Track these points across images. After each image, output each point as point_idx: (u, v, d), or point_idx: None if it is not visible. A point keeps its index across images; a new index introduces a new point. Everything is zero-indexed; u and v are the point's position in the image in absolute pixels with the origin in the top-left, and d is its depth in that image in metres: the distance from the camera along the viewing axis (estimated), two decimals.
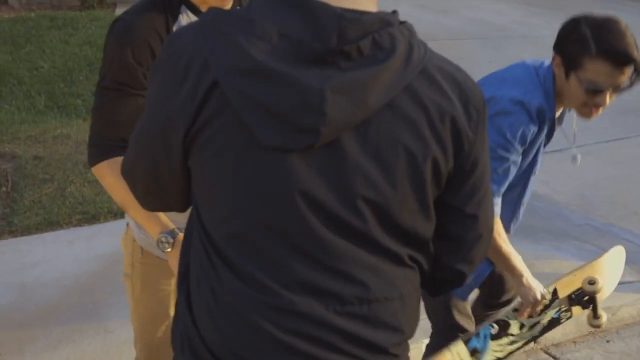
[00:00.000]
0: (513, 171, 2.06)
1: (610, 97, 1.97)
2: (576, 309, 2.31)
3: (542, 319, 2.27)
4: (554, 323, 2.32)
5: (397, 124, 1.06)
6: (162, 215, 1.74)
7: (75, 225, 4.07)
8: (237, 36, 1.03)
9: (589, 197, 2.46)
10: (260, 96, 1.02)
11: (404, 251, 1.15)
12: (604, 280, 2.26)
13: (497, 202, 2.07)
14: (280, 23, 1.02)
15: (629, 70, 1.90)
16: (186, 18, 1.75)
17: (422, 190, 1.11)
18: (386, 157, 1.07)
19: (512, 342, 2.26)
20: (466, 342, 2.16)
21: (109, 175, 1.74)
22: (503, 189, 2.07)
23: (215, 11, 1.10)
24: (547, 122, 2.06)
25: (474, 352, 2.16)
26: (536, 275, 2.58)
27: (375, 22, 1.04)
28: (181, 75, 1.07)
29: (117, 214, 4.19)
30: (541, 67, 2.11)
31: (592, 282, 2.21)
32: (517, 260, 2.14)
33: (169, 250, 1.71)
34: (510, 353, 2.29)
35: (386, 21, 1.06)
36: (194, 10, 1.77)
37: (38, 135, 5.16)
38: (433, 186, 1.12)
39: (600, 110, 2.01)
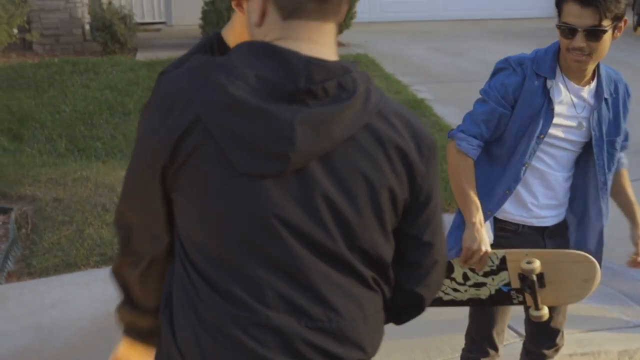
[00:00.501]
0: (498, 120, 2.33)
1: (587, 41, 2.16)
2: (528, 298, 2.33)
3: (487, 282, 2.35)
4: (504, 297, 2.37)
5: (358, 156, 1.23)
6: None
7: (92, 267, 4.13)
8: (219, 77, 1.19)
9: (605, 238, 2.46)
10: (238, 128, 1.17)
11: (368, 273, 1.29)
12: (554, 275, 2.28)
13: (471, 142, 2.36)
14: (257, 68, 1.19)
15: (595, 12, 2.11)
16: None
17: (382, 216, 1.27)
18: (349, 184, 1.23)
19: (455, 290, 2.37)
20: None
21: None
22: (476, 129, 2.35)
23: (200, 58, 1.26)
24: (534, 76, 2.29)
25: None
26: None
27: (338, 68, 1.22)
28: (165, 113, 1.22)
29: None
30: None
31: (529, 262, 2.26)
32: (474, 206, 2.32)
33: None
34: (454, 302, 2.41)
35: (347, 68, 1.23)
36: None
37: (58, 178, 5.26)
38: (391, 214, 1.29)
39: (584, 59, 2.21)
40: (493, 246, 2.36)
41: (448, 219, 2.56)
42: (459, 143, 2.37)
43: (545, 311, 2.32)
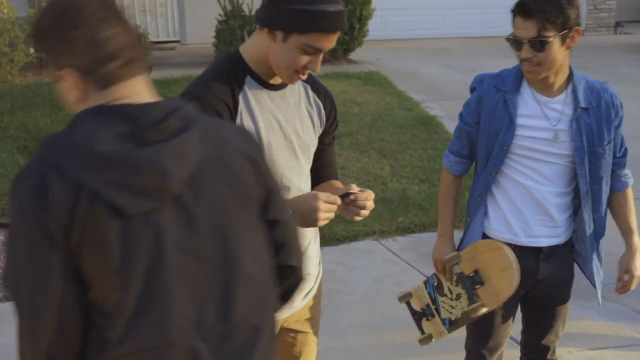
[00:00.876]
0: (467, 136, 2.46)
1: (533, 52, 2.19)
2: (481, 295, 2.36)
3: (460, 292, 2.42)
4: (476, 308, 2.39)
5: (216, 170, 1.40)
6: None
7: None
8: (82, 144, 1.28)
9: (617, 254, 2.45)
10: (117, 178, 1.28)
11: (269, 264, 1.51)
12: (484, 271, 2.33)
13: (450, 158, 2.52)
14: (111, 127, 1.30)
15: (536, 23, 2.16)
16: (250, 87, 1.88)
17: (252, 210, 1.46)
18: (216, 195, 1.39)
19: (451, 307, 2.47)
20: (425, 283, 2.61)
21: None
22: (455, 146, 2.51)
23: (44, 145, 1.32)
24: (493, 91, 2.37)
25: (433, 300, 2.54)
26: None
27: (172, 103, 1.38)
28: (41, 195, 1.26)
29: None
30: None
31: (457, 262, 2.41)
32: (443, 219, 2.55)
33: None
34: (457, 321, 2.47)
35: (180, 102, 1.40)
36: (259, 80, 1.89)
37: None
38: (257, 206, 1.48)
39: (534, 69, 2.23)
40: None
41: (457, 235, 2.59)
42: (443, 160, 2.57)
43: (479, 304, 2.35)
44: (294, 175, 1.99)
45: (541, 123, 2.33)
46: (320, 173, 2.14)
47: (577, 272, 2.57)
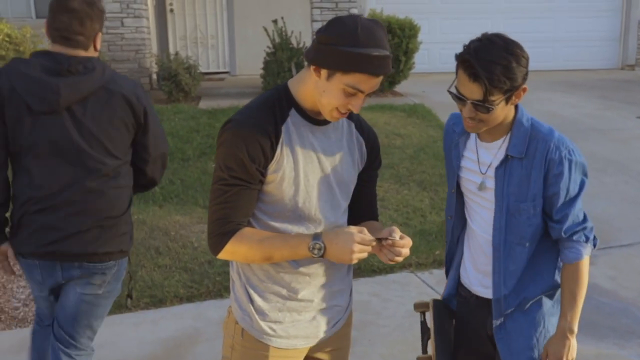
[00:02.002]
0: (449, 172, 2.38)
1: (475, 112, 2.07)
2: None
3: None
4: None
5: (99, 101, 2.55)
6: (292, 235, 1.94)
7: (142, 309, 4.26)
8: (19, 67, 2.53)
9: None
10: (33, 88, 2.49)
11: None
12: None
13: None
14: (41, 61, 2.53)
15: (481, 87, 2.01)
16: (294, 120, 1.94)
17: (123, 133, 2.61)
18: (98, 115, 2.55)
19: None
20: None
21: (240, 246, 1.92)
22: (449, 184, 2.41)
23: (8, 64, 2.56)
24: (452, 132, 2.35)
25: None
26: None
27: (82, 58, 2.56)
28: None
29: (183, 298, 4.36)
30: None
31: None
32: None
33: (322, 253, 1.88)
34: None
35: (89, 58, 2.57)
36: (303, 114, 1.96)
37: None
38: (126, 132, 2.62)
39: (476, 125, 2.11)
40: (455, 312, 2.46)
41: None
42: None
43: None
44: (328, 210, 2.02)
45: (475, 167, 2.24)
46: (358, 210, 2.16)
47: (618, 311, 2.46)
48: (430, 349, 2.50)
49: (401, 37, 9.85)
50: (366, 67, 1.79)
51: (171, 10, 12.45)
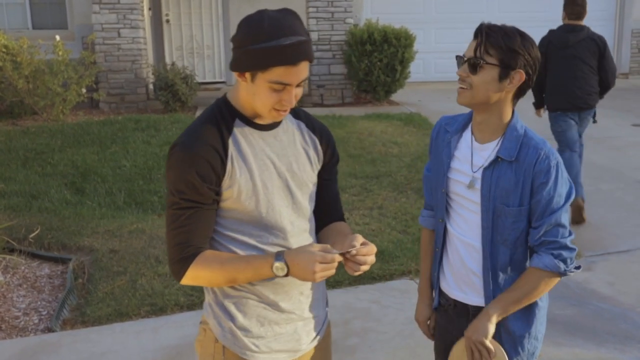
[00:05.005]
0: (427, 183, 2.38)
1: (467, 70, 2.10)
2: None
3: None
4: None
5: None
6: (255, 256, 1.86)
7: (143, 317, 4.26)
8: None
9: None
10: None
11: None
12: None
13: (422, 212, 2.44)
14: None
15: (478, 43, 2.07)
16: (240, 130, 1.89)
17: None
18: None
19: None
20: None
21: (202, 270, 1.84)
22: (426, 199, 2.43)
23: None
24: (443, 132, 2.31)
25: None
26: None
27: None
28: None
29: (184, 306, 4.36)
30: None
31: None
32: (422, 277, 2.46)
33: (285, 273, 1.80)
34: None
35: None
36: (248, 122, 1.91)
37: (115, 230, 5.47)
38: None
39: (465, 92, 2.12)
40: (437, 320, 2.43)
41: None
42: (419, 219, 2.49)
43: None
44: (292, 214, 1.97)
45: (465, 167, 2.22)
46: (323, 211, 2.12)
47: (617, 316, 2.49)
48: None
49: (397, 46, 9.91)
50: (281, 59, 1.74)
51: (167, 21, 12.48)
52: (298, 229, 1.98)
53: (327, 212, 2.12)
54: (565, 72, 5.87)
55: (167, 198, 1.86)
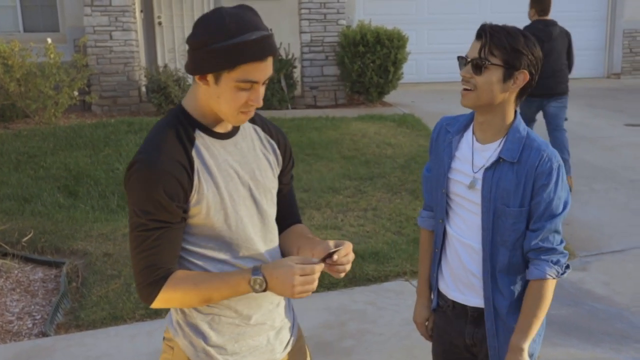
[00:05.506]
0: (427, 183, 2.39)
1: (470, 71, 2.11)
2: None
3: None
4: None
5: None
6: (230, 273, 1.77)
7: (137, 320, 4.24)
8: None
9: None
10: None
11: None
12: None
13: (421, 213, 2.45)
14: None
15: (482, 44, 2.08)
16: (202, 141, 1.80)
17: None
18: None
19: None
20: None
21: (174, 292, 1.74)
22: (425, 200, 2.43)
23: None
24: (444, 132, 2.31)
25: None
26: None
27: None
28: None
29: None
30: None
31: None
32: (420, 278, 2.46)
33: (264, 287, 1.72)
34: None
35: None
36: (208, 131, 1.82)
37: (109, 233, 5.44)
38: None
39: (470, 93, 2.14)
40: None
41: None
42: (419, 220, 2.49)
43: None
44: (259, 224, 1.91)
45: (466, 168, 2.21)
46: (282, 215, 2.06)
47: (612, 316, 2.50)
48: None
49: (390, 47, 9.91)
50: (249, 56, 1.66)
51: (159, 23, 12.45)
52: (266, 239, 1.93)
53: (285, 215, 2.08)
54: (546, 64, 6.14)
55: (130, 220, 1.73)
